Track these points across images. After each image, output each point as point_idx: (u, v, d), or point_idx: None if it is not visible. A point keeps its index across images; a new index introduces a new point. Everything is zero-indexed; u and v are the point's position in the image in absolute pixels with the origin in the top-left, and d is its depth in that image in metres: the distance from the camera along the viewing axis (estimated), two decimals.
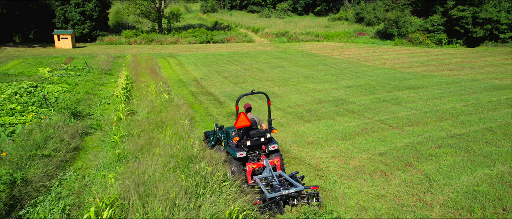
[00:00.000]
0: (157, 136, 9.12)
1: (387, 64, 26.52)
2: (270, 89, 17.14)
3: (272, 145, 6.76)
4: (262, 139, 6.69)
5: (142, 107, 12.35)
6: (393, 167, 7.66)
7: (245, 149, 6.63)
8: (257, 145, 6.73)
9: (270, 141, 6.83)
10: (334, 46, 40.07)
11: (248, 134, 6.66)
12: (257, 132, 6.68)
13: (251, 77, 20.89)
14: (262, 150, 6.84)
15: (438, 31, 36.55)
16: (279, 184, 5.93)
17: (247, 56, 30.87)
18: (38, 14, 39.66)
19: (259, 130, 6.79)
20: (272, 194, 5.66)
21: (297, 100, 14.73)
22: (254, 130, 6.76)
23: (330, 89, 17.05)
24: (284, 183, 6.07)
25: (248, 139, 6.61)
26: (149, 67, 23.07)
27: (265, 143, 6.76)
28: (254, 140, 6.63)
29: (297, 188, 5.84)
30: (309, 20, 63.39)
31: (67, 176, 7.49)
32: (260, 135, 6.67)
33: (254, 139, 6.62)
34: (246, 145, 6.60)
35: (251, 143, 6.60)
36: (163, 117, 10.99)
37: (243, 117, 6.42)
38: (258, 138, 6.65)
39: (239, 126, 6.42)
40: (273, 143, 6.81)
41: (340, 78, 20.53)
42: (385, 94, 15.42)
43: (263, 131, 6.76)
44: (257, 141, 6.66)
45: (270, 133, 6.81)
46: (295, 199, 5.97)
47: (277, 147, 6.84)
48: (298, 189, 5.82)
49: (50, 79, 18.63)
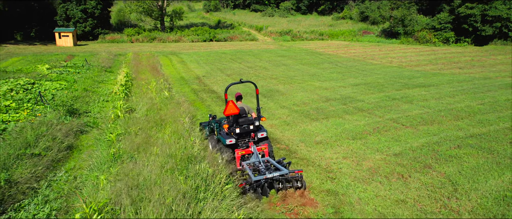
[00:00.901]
0: (156, 134, 8.55)
1: (394, 63, 25.83)
2: (275, 87, 16.55)
3: (261, 133, 7.03)
4: (251, 126, 6.94)
5: (141, 105, 11.79)
6: (411, 169, 7.04)
7: (235, 136, 6.83)
8: (247, 133, 6.97)
9: (259, 128, 7.10)
10: (338, 44, 39.40)
11: (238, 121, 6.90)
12: (246, 119, 6.94)
13: (254, 75, 20.30)
14: (251, 137, 7.06)
15: (446, 30, 35.76)
16: (265, 169, 6.17)
17: (251, 54, 30.28)
18: (39, 12, 39.26)
19: (248, 118, 7.01)
20: (257, 177, 5.85)
21: (303, 98, 14.13)
22: (243, 118, 6.99)
23: (337, 87, 16.41)
24: (270, 167, 6.33)
25: (238, 126, 6.84)
26: (150, 65, 22.54)
27: (254, 130, 7.00)
28: (243, 128, 6.86)
29: (282, 171, 6.05)
30: (313, 19, 62.70)
31: (57, 177, 6.93)
32: (249, 123, 6.92)
33: (243, 126, 6.86)
34: (236, 132, 6.82)
35: (240, 131, 6.83)
36: (162, 114, 10.43)
37: (232, 105, 6.58)
38: (247, 125, 6.90)
39: (228, 113, 6.60)
40: (262, 130, 7.08)
41: (346, 76, 19.89)
42: (394, 93, 14.77)
43: (252, 119, 7.00)
44: (246, 129, 6.89)
45: (259, 121, 7.05)
46: (280, 183, 6.16)
47: (266, 135, 7.08)
48: (282, 173, 6.03)
49: (48, 76, 18.14)
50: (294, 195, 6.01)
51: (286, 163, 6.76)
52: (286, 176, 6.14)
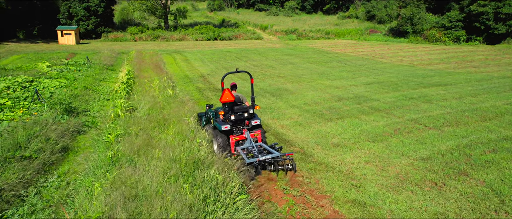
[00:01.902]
0: (158, 135, 7.83)
1: (405, 61, 24.97)
2: (283, 86, 15.79)
3: (255, 120, 7.29)
4: (246, 114, 7.22)
5: (143, 103, 11.08)
6: (444, 176, 6.25)
7: (230, 123, 7.10)
8: (241, 120, 7.24)
9: (253, 116, 7.38)
10: (346, 43, 38.55)
11: (233, 109, 7.19)
12: (241, 107, 7.24)
13: (261, 73, 19.56)
14: (246, 125, 7.32)
15: (456, 28, 34.78)
16: (258, 152, 6.53)
17: (256, 52, 29.54)
18: (42, 10, 38.76)
19: (243, 106, 7.32)
20: (250, 160, 6.19)
21: (313, 98, 13.36)
22: (238, 105, 7.29)
23: (348, 86, 15.62)
24: (263, 151, 6.71)
25: (233, 114, 7.13)
26: (154, 63, 21.87)
27: (248, 118, 7.28)
28: (238, 115, 7.16)
29: (273, 154, 6.41)
30: (318, 18, 61.81)
31: (48, 182, 6.23)
32: (243, 111, 7.21)
33: (238, 113, 7.16)
34: (231, 120, 7.10)
35: (235, 118, 7.12)
36: (165, 114, 9.71)
37: (228, 92, 6.86)
38: (241, 113, 7.19)
39: (223, 100, 6.87)
40: (256, 118, 7.36)
41: (357, 75, 19.08)
42: (410, 92, 13.95)
43: (246, 107, 7.30)
44: (241, 116, 7.19)
45: (253, 109, 7.31)
46: (272, 165, 6.57)
47: (259, 122, 7.34)
48: (274, 155, 6.39)
49: (48, 74, 17.51)
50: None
51: (278, 147, 7.16)
52: (279, 158, 6.49)
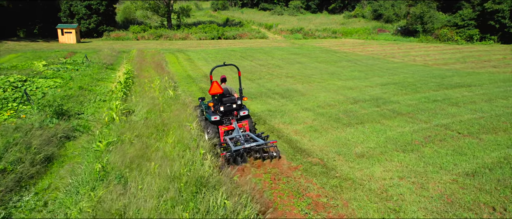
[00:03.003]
0: (155, 143, 6.80)
1: (418, 61, 23.78)
2: (292, 87, 14.71)
3: (243, 111, 7.56)
4: (234, 105, 7.51)
5: (141, 106, 10.06)
6: (501, 198, 5.15)
7: (219, 113, 7.43)
8: (230, 111, 7.54)
9: (242, 107, 7.66)
10: (353, 42, 37.38)
11: (222, 101, 7.47)
12: (229, 99, 7.53)
13: (267, 73, 18.50)
14: (234, 115, 7.59)
15: (469, 27, 33.49)
16: (244, 141, 6.79)
17: (262, 52, 28.47)
18: (43, 9, 37.96)
19: (231, 97, 7.59)
20: (236, 147, 6.45)
21: (326, 99, 12.28)
22: (227, 97, 7.60)
23: (363, 87, 14.51)
24: (249, 140, 6.94)
25: (222, 105, 7.43)
26: (155, 62, 20.88)
27: (237, 109, 7.56)
28: (227, 106, 7.46)
29: (258, 142, 6.62)
30: (324, 18, 60.64)
31: (22, 201, 5.21)
32: (231, 102, 7.50)
33: (227, 105, 7.46)
34: (220, 110, 7.43)
35: (224, 109, 7.44)
36: (165, 118, 8.69)
37: (216, 85, 7.11)
38: (230, 104, 7.49)
39: (212, 92, 7.14)
40: (244, 109, 7.63)
41: (369, 75, 17.96)
42: (432, 93, 12.83)
43: (235, 98, 7.55)
44: (230, 107, 7.50)
45: (241, 101, 7.61)
46: (258, 152, 6.78)
47: (247, 113, 7.61)
48: (258, 143, 6.61)
49: (43, 73, 16.57)
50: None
51: (265, 136, 7.50)
52: (262, 146, 6.76)
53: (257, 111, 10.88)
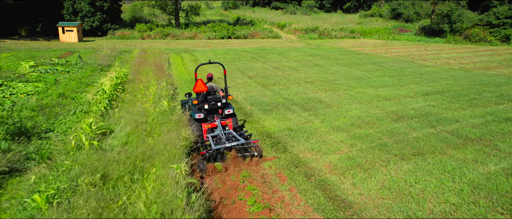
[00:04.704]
0: (126, 192, 4.42)
1: (453, 64, 20.94)
2: (314, 95, 12.20)
3: (228, 110, 7.45)
4: (219, 103, 7.44)
5: (123, 123, 7.71)
6: None
7: (204, 111, 7.36)
8: (215, 109, 7.47)
9: (227, 106, 7.57)
10: (374, 43, 34.56)
11: (207, 99, 7.43)
12: (214, 97, 7.50)
13: (283, 77, 16.02)
14: (219, 114, 7.51)
15: (505, 26, 30.32)
16: (226, 139, 6.70)
17: (275, 52, 25.98)
18: (46, 6, 36.25)
19: (216, 96, 7.60)
20: (217, 146, 6.32)
21: (361, 114, 9.75)
22: (212, 95, 7.63)
23: (401, 97, 11.92)
24: (231, 138, 6.86)
25: (206, 103, 7.35)
26: (157, 63, 18.61)
27: (221, 107, 7.49)
28: (212, 104, 7.40)
29: (239, 141, 6.50)
30: (338, 17, 57.75)
31: None
32: (216, 100, 7.45)
33: (211, 103, 7.40)
34: (205, 108, 7.37)
35: (208, 107, 7.39)
36: (150, 145, 6.30)
37: (200, 83, 7.02)
38: (215, 102, 7.42)
39: (197, 90, 7.06)
40: (229, 107, 7.52)
41: (403, 81, 15.30)
42: (496, 108, 10.16)
43: (220, 96, 7.53)
44: (214, 105, 7.42)
45: (226, 99, 7.52)
46: (239, 151, 6.65)
47: (232, 112, 7.49)
48: (239, 142, 6.48)
49: (27, 76, 14.45)
50: None
51: (247, 135, 7.38)
52: (244, 145, 6.61)
53: (275, 130, 8.43)
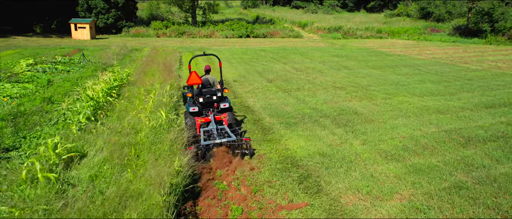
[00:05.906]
0: None
1: (505, 69, 18.14)
2: (347, 105, 9.99)
3: (224, 103, 7.17)
4: (214, 97, 7.15)
5: (101, 144, 5.80)
6: None
7: (199, 105, 7.08)
8: (210, 103, 7.21)
9: (223, 99, 7.27)
10: (404, 44, 31.75)
11: (202, 92, 7.12)
12: (209, 90, 7.19)
13: (307, 81, 13.86)
14: (215, 107, 7.24)
15: None
16: (217, 135, 6.27)
17: (297, 52, 23.79)
18: (61, 3, 35.42)
19: (211, 89, 7.25)
20: (206, 142, 5.94)
21: (412, 133, 7.52)
22: (207, 88, 7.25)
23: (457, 110, 9.55)
24: (224, 134, 6.37)
25: (201, 96, 7.09)
26: (166, 63, 16.84)
27: (217, 101, 7.21)
28: (207, 97, 7.13)
29: (230, 138, 6.10)
30: (362, 17, 54.82)
31: None
32: (211, 94, 7.15)
33: (206, 96, 7.12)
34: (199, 102, 7.13)
35: (203, 100, 7.14)
36: (127, 181, 4.34)
37: (194, 75, 6.76)
38: (210, 95, 7.14)
39: (190, 83, 6.81)
40: (225, 101, 7.23)
41: (451, 88, 12.84)
42: None
43: (215, 90, 7.21)
44: (210, 99, 7.15)
45: (222, 92, 7.19)
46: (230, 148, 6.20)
47: (228, 106, 7.18)
48: (230, 139, 6.09)
49: (20, 75, 12.96)
50: None
51: (241, 132, 6.93)
52: (235, 142, 6.21)
53: (302, 155, 6.33)
